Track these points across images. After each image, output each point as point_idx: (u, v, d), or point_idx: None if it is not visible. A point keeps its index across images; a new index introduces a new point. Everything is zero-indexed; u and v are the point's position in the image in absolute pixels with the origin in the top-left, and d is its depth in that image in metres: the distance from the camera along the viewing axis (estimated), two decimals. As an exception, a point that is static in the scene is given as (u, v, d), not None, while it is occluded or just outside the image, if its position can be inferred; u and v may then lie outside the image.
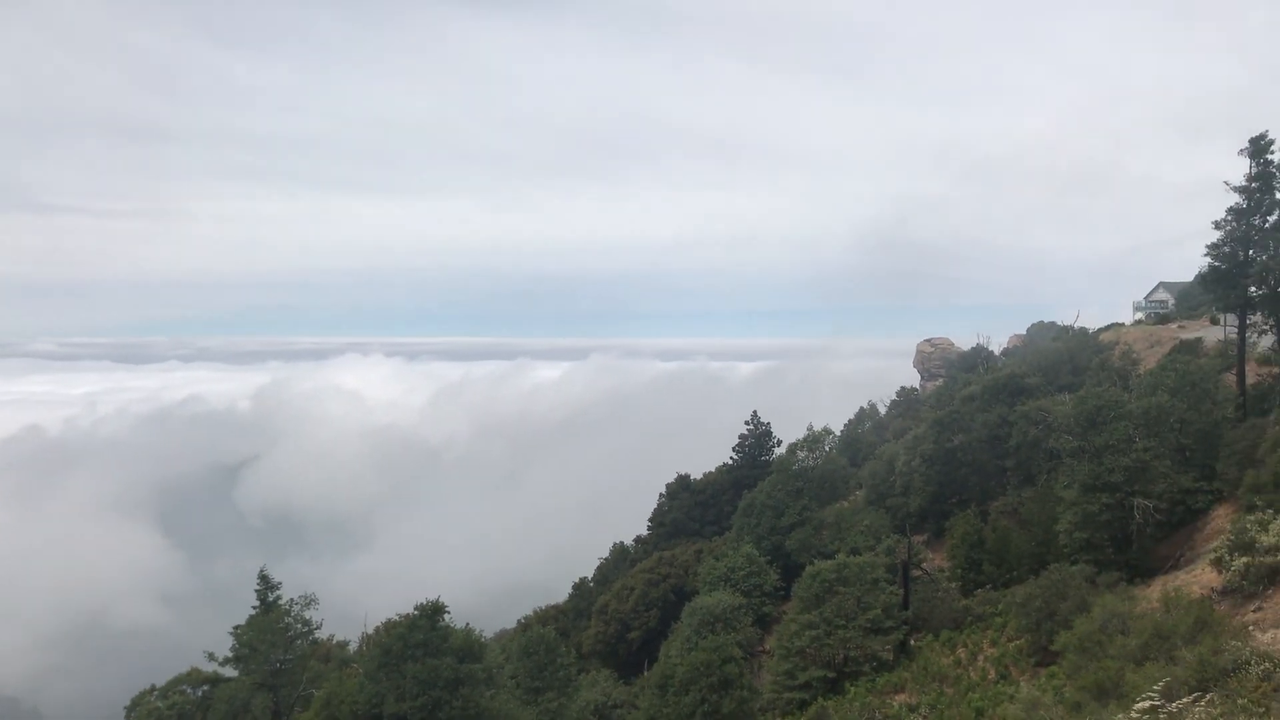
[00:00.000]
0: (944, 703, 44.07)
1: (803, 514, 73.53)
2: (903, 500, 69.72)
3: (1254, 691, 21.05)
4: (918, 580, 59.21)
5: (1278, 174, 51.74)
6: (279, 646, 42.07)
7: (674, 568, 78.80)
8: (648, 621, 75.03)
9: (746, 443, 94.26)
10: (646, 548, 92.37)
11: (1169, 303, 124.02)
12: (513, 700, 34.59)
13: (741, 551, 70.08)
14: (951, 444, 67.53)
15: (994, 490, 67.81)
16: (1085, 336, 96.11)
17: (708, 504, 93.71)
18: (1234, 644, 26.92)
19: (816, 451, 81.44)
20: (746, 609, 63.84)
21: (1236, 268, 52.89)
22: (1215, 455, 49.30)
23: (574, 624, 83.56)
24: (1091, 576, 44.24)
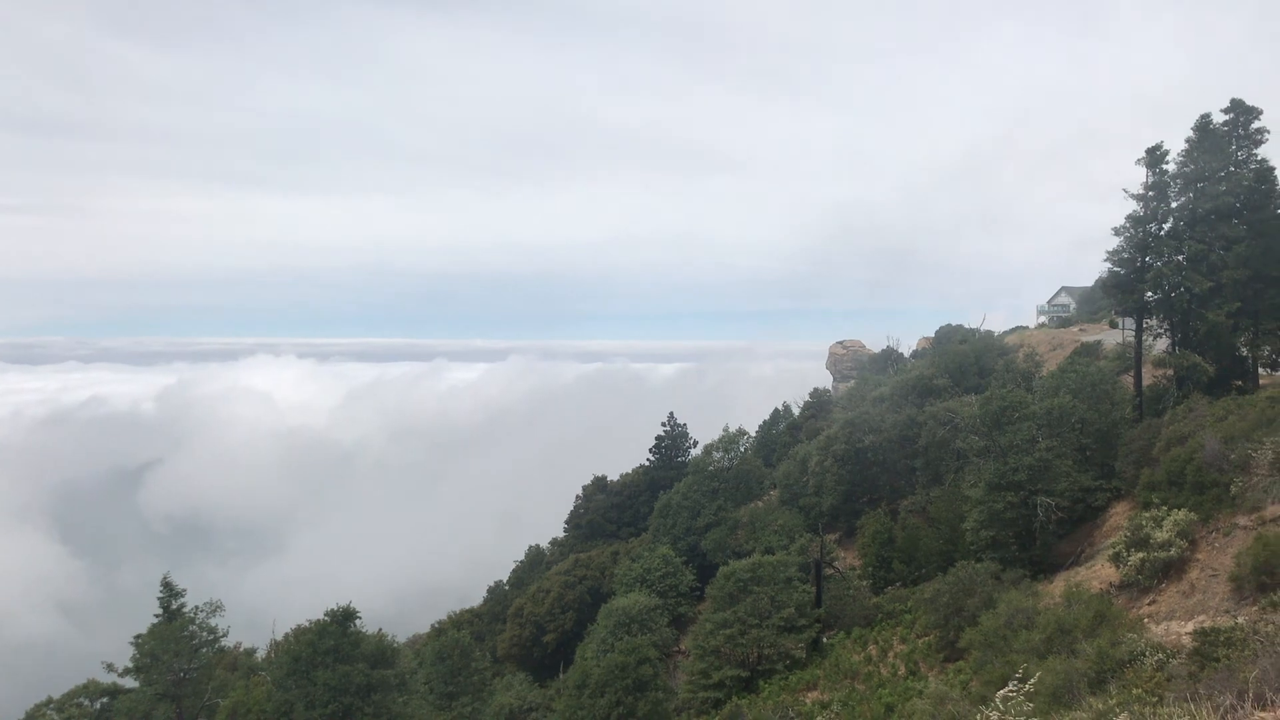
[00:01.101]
0: (855, 699, 44.76)
1: (718, 514, 74.07)
2: (815, 500, 70.66)
3: (1148, 681, 21.81)
4: (830, 578, 60.08)
5: (1172, 183, 53.76)
6: (182, 655, 40.74)
7: (590, 570, 78.70)
8: (563, 624, 74.81)
9: (663, 444, 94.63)
10: (563, 550, 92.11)
11: (1071, 307, 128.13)
12: (426, 705, 34.13)
13: (658, 552, 70.31)
14: (862, 444, 68.67)
15: (903, 489, 69.11)
16: (991, 339, 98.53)
17: (624, 505, 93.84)
18: (1130, 636, 27.90)
19: (732, 452, 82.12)
20: (662, 610, 64.07)
21: (1134, 273, 54.76)
22: (1114, 454, 50.97)
23: (489, 628, 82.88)
24: (997, 573, 45.37)
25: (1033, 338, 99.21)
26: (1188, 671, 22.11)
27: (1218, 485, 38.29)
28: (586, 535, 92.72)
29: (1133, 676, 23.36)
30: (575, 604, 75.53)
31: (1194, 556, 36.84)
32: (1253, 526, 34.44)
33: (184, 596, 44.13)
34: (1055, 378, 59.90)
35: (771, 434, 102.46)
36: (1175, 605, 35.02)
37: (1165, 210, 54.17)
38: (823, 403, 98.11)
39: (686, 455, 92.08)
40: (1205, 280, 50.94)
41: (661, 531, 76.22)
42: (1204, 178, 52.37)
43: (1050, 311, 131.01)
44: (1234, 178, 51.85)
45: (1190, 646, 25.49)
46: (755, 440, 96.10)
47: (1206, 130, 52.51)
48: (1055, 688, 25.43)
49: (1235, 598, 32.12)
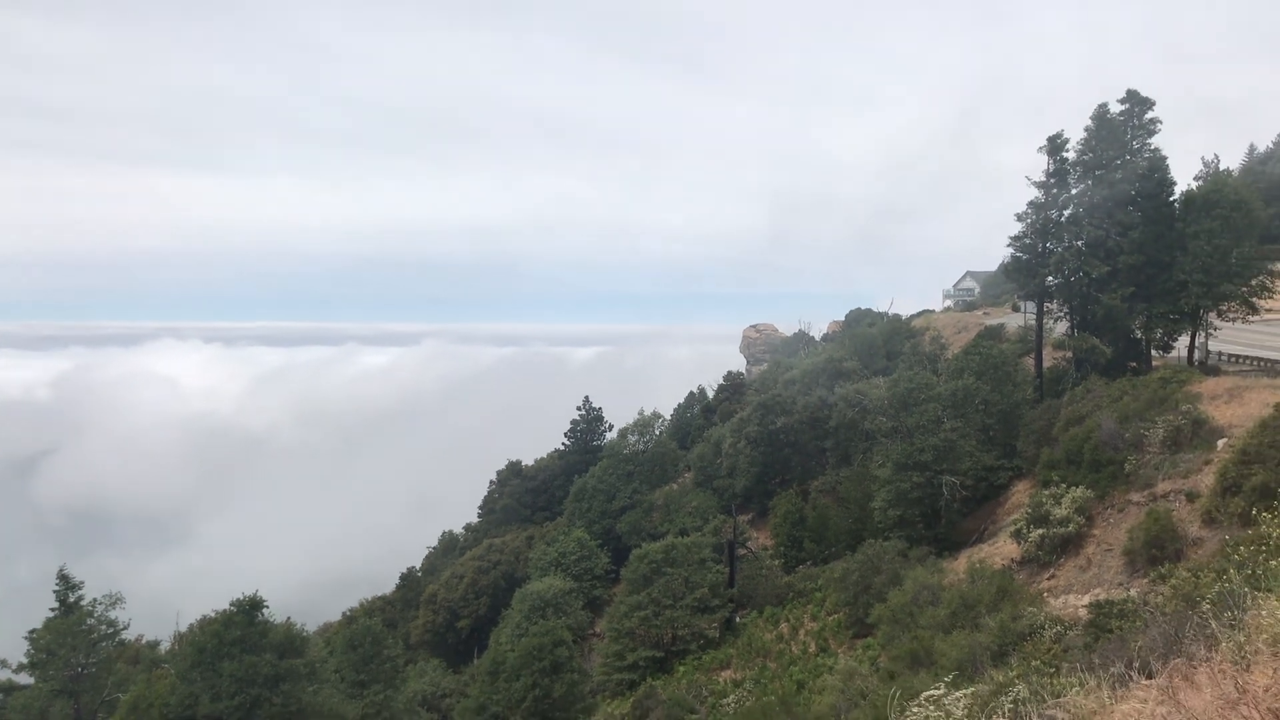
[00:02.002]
0: (767, 676, 45.45)
1: (633, 497, 74.33)
2: (729, 481, 71.35)
3: (1046, 653, 22.53)
4: (743, 559, 60.79)
5: (1072, 171, 55.36)
6: (80, 650, 39.42)
7: (504, 554, 78.35)
8: (477, 609, 74.39)
9: (578, 428, 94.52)
10: (477, 535, 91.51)
11: (975, 291, 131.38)
12: (337, 694, 33.57)
13: (572, 536, 70.31)
14: (775, 426, 69.51)
15: (814, 470, 70.17)
16: (899, 323, 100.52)
17: (539, 490, 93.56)
18: (1030, 610, 28.82)
19: (647, 435, 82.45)
20: (577, 593, 64.15)
21: (1035, 258, 56.32)
22: (1015, 434, 52.47)
23: (402, 615, 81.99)
24: (904, 551, 46.42)
25: (939, 321, 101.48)
26: (1083, 643, 22.89)
27: (1113, 463, 39.71)
28: (501, 520, 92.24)
29: (1032, 648, 24.10)
30: (489, 589, 75.15)
31: (1091, 532, 38.17)
32: (1145, 502, 35.80)
33: (82, 589, 42.68)
34: (960, 360, 61.32)
35: (686, 417, 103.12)
36: (1073, 579, 36.25)
37: (1065, 197, 55.78)
38: (736, 386, 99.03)
39: (602, 439, 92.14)
40: (1102, 265, 52.63)
41: (577, 515, 76.23)
42: (1101, 166, 54.03)
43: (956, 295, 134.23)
44: (1129, 166, 53.61)
45: (1086, 618, 26.39)
46: (670, 423, 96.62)
47: (1104, 120, 54.14)
48: (959, 661, 26.13)
49: (1128, 571, 33.37)
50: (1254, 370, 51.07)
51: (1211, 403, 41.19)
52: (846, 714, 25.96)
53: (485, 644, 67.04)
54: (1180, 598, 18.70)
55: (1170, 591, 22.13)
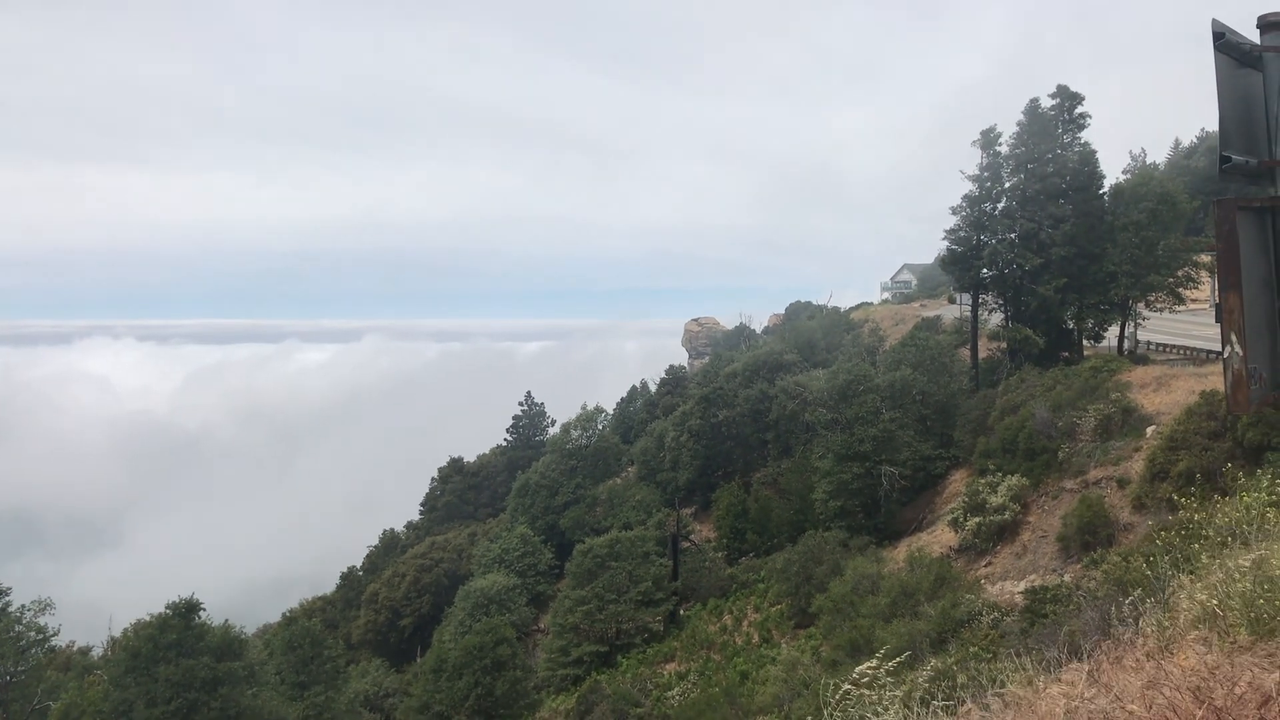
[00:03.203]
0: (712, 668, 45.73)
1: (576, 492, 74.24)
2: (672, 475, 71.57)
3: (984, 639, 22.95)
4: (686, 551, 61.03)
5: (1005, 164, 56.36)
6: (8, 658, 38.35)
7: (447, 552, 77.79)
8: (420, 608, 73.78)
9: (520, 423, 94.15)
10: (419, 533, 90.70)
11: (913, 283, 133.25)
12: (277, 697, 33.12)
13: (516, 532, 70.05)
14: (716, 419, 69.86)
15: (756, 462, 70.64)
16: (838, 315, 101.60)
17: (481, 486, 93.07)
18: (968, 597, 29.33)
19: (590, 430, 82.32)
20: (521, 589, 63.95)
21: (970, 250, 57.26)
22: (952, 424, 53.33)
23: (343, 614, 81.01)
24: (845, 541, 46.96)
25: (877, 313, 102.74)
26: (1020, 628, 23.37)
27: (1047, 451, 40.57)
28: (443, 518, 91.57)
29: (970, 635, 24.54)
30: (432, 587, 74.57)
31: (1026, 519, 38.98)
32: (1078, 490, 36.63)
33: (9, 595, 41.51)
34: (897, 352, 62.11)
35: (629, 411, 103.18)
36: (1009, 566, 36.98)
37: (999, 190, 56.78)
38: (679, 379, 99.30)
39: (544, 434, 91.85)
40: (1035, 257, 53.67)
41: (520, 511, 75.95)
42: (1034, 159, 55.06)
43: (894, 288, 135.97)
44: (1061, 160, 54.71)
45: (1022, 604, 26.94)
46: (613, 418, 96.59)
47: (1035, 114, 55.17)
48: (900, 649, 26.48)
49: (1062, 557, 34.13)
50: (1180, 359, 52.48)
51: (1141, 391, 42.27)
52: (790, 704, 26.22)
53: (428, 642, 66.51)
54: (1111, 582, 19.16)
55: (1102, 576, 22.68)
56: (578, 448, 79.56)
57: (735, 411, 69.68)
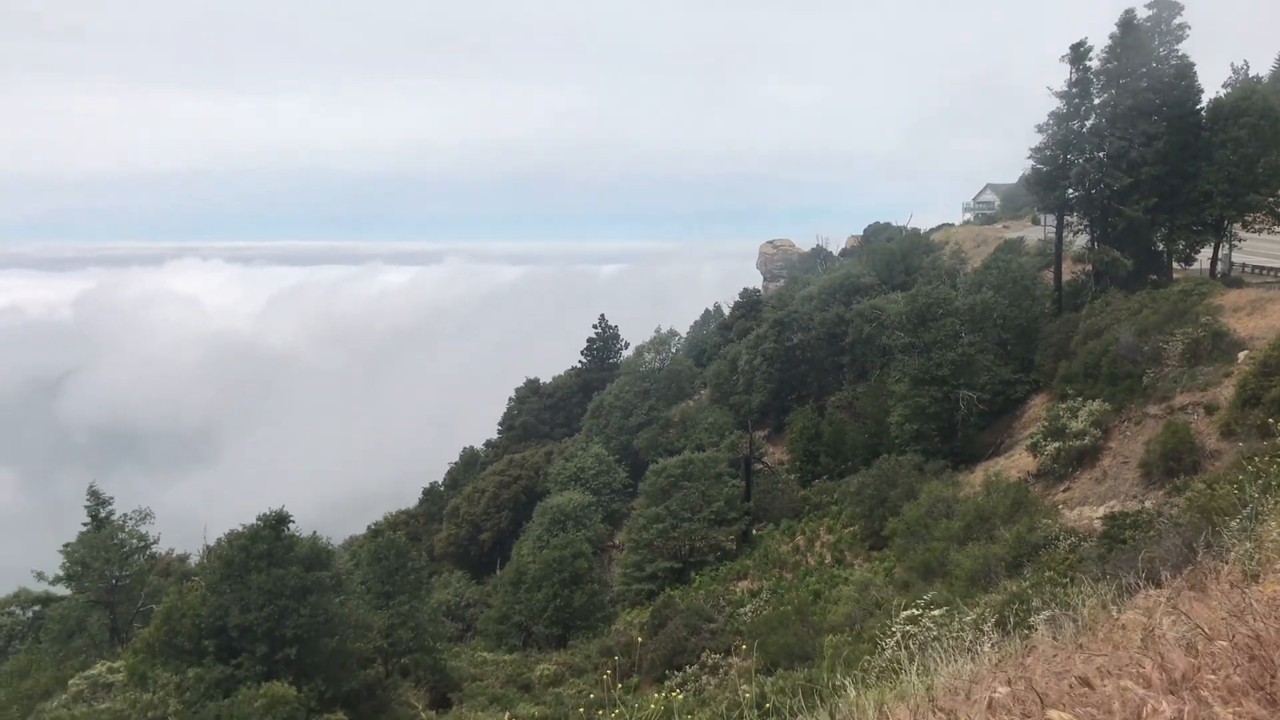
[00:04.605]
0: (784, 587, 46.23)
1: (650, 413, 74.82)
2: (745, 398, 71.63)
3: (1061, 564, 22.81)
4: (759, 473, 61.38)
5: (1095, 80, 54.12)
6: (113, 563, 40.51)
7: (524, 469, 79.30)
8: (499, 523, 75.60)
9: (595, 346, 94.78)
10: (497, 451, 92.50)
11: (995, 204, 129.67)
12: (363, 606, 34.41)
13: (590, 452, 71.02)
14: (791, 342, 69.49)
15: (831, 386, 70.31)
16: (917, 237, 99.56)
17: (557, 407, 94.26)
18: (1045, 522, 29.09)
19: (663, 353, 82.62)
20: (596, 506, 65.03)
21: (1056, 170, 55.41)
22: (1033, 348, 52.33)
23: (425, 528, 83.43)
24: (920, 465, 46.73)
25: (958, 235, 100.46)
26: (1097, 554, 23.15)
27: (1131, 376, 39.64)
28: (520, 437, 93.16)
29: (1046, 559, 24.41)
30: (510, 503, 76.26)
31: (1107, 445, 38.30)
32: (1162, 415, 35.81)
33: (112, 505, 43.66)
34: (979, 274, 60.89)
35: (702, 334, 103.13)
36: (1088, 491, 36.49)
37: (1088, 107, 54.63)
38: (753, 302, 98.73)
39: (618, 357, 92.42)
40: (1124, 176, 51.77)
41: (594, 431, 76.89)
42: (1126, 74, 52.79)
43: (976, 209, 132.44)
44: (1155, 74, 52.36)
45: (1100, 530, 26.65)
46: (686, 341, 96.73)
47: (1129, 26, 52.73)
48: (973, 572, 26.49)
49: (1144, 483, 33.55)
50: (1278, 282, 50.52)
51: (1233, 315, 40.86)
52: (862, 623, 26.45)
53: (507, 556, 68.31)
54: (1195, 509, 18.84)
55: (1185, 503, 22.28)
56: (651, 370, 79.97)
57: (810, 335, 69.23)
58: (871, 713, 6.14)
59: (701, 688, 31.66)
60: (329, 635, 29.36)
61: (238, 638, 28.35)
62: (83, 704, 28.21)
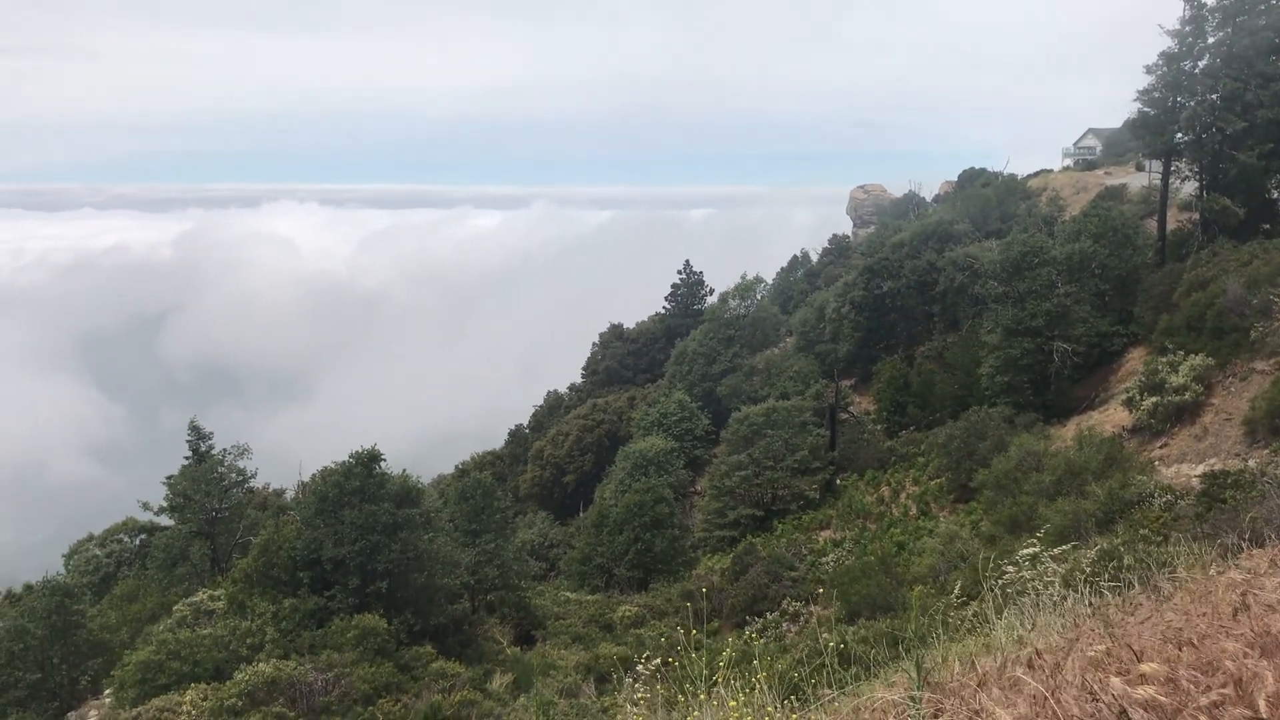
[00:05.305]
0: (867, 537, 46.06)
1: (734, 361, 74.62)
2: (832, 346, 70.96)
3: (1155, 521, 22.23)
4: (844, 423, 60.93)
5: (1210, 18, 51.49)
6: (213, 496, 42.06)
7: (608, 414, 79.97)
8: (582, 465, 76.54)
9: (679, 292, 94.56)
10: (581, 396, 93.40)
11: (1097, 149, 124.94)
12: (451, 543, 35.25)
13: (674, 398, 71.22)
14: (880, 290, 68.45)
15: (920, 335, 69.25)
16: (1014, 183, 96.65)
17: (640, 352, 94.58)
18: (1140, 478, 28.32)
19: (748, 300, 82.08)
20: (678, 453, 65.34)
21: (1165, 113, 53.08)
22: (1133, 300, 50.64)
23: (510, 469, 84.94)
24: (1010, 417, 45.85)
25: (1057, 181, 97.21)
26: (1195, 512, 22.51)
27: (1237, 330, 38.14)
28: (604, 381, 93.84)
29: (1140, 516, 23.81)
30: (594, 447, 77.08)
31: (1208, 401, 37.05)
32: (1270, 371, 34.46)
33: (212, 439, 45.25)
34: (1077, 222, 59.02)
35: (789, 281, 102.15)
36: (1186, 448, 35.42)
37: (1201, 46, 52.03)
38: (842, 249, 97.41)
39: (702, 303, 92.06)
40: (1238, 120, 49.35)
41: (677, 378, 77.01)
42: (1244, 11, 50.09)
43: (1076, 154, 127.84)
44: (1275, 11, 49.61)
45: (1198, 488, 25.85)
46: (772, 288, 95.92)
47: (1251, -40, 49.95)
48: (1063, 528, 26.00)
49: (1247, 441, 32.41)
50: (1400, 233, 47.93)
51: (1350, 268, 38.94)
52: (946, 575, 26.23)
53: (590, 499, 69.23)
54: (1301, 469, 18.14)
55: (1290, 463, 21.48)
56: (735, 317, 79.60)
57: (900, 283, 68.08)
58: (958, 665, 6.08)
59: (782, 634, 31.85)
60: (418, 570, 30.19)
61: (331, 570, 29.33)
62: (186, 629, 29.53)
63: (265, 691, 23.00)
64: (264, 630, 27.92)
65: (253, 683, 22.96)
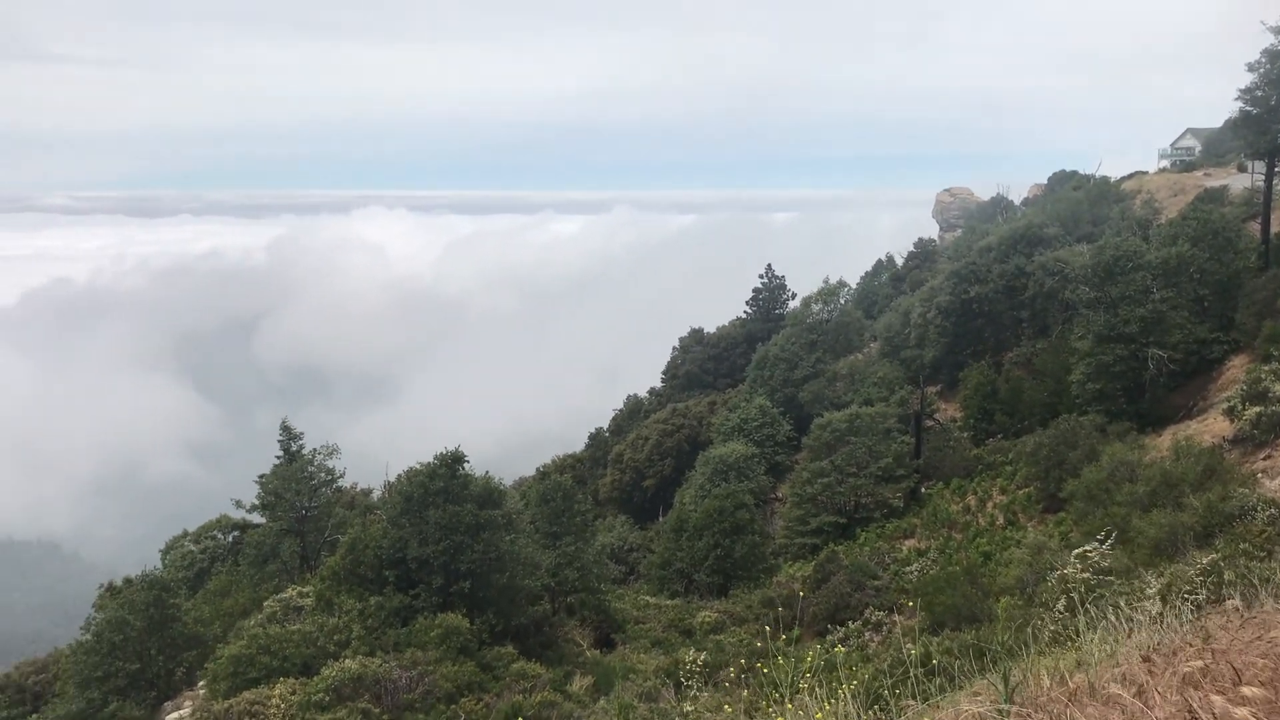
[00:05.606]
0: (952, 547, 45.22)
1: (816, 366, 73.94)
2: (917, 352, 69.90)
3: (1258, 536, 21.40)
4: (930, 430, 59.97)
5: (1319, 13, 49.55)
6: (303, 494, 43.08)
7: (688, 419, 79.86)
8: (662, 470, 76.53)
9: (760, 296, 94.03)
10: (660, 400, 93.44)
11: (1196, 150, 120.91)
12: (532, 544, 35.55)
13: (755, 403, 70.82)
14: (968, 295, 67.22)
15: (1008, 341, 67.87)
16: (1107, 185, 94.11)
17: (721, 357, 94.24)
18: (1241, 491, 27.27)
19: (831, 304, 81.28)
20: (759, 458, 64.92)
21: (1269, 112, 51.25)
22: (1234, 305, 48.94)
23: (590, 472, 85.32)
24: (1102, 426, 44.64)
25: (1152, 183, 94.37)
26: (1299, 527, 21.62)
27: (1347, 337, 36.60)
28: (684, 386, 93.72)
29: (1241, 531, 22.95)
30: (673, 451, 77.02)
31: (1315, 411, 35.57)
32: (1381, 381, 32.96)
33: (302, 439, 46.35)
34: (1174, 225, 57.27)
35: (873, 285, 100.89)
36: (1291, 460, 34.05)
37: (1309, 43, 50.14)
38: (927, 253, 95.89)
39: (784, 308, 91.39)
40: (1349, 119, 47.42)
41: (759, 383, 76.55)
42: (1356, 5, 48.13)
43: (1173, 155, 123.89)
44: (1390, 5, 47.55)
45: (1304, 502, 24.82)
46: (856, 292, 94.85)
47: (1363, -48, 47.92)
48: (1158, 540, 25.21)
49: (1356, 454, 31.05)
50: None
51: None
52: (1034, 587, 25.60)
53: (669, 503, 69.18)
54: None
55: (1404, 477, 20.50)
56: (818, 322, 78.88)
57: (988, 287, 66.78)
58: (1047, 679, 5.93)
59: (864, 644, 31.41)
60: (500, 571, 30.51)
61: (416, 569, 29.82)
62: (276, 624, 30.27)
63: (351, 687, 23.48)
64: (350, 627, 28.50)
65: (339, 679, 23.45)
